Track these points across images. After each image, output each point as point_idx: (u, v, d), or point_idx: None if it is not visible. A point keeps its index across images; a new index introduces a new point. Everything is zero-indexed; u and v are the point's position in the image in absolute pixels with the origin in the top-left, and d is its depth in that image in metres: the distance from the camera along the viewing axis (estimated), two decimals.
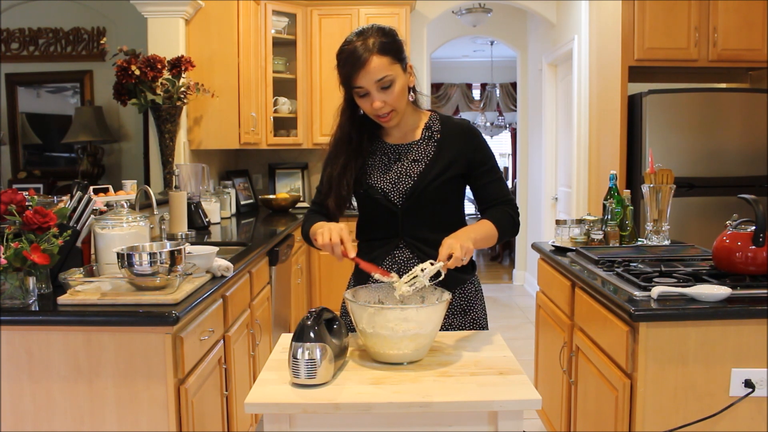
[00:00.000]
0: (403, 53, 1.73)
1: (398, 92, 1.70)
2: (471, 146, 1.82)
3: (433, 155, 1.81)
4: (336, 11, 4.78)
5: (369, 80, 1.66)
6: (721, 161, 3.63)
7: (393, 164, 1.82)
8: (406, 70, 1.74)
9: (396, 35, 1.72)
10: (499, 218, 1.78)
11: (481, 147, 1.85)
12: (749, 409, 1.75)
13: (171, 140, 3.62)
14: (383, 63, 1.66)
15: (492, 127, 9.26)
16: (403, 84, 1.72)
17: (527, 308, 5.54)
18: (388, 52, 1.67)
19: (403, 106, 1.76)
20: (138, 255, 1.87)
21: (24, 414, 1.77)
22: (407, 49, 2.05)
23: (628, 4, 3.64)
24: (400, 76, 1.71)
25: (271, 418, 1.34)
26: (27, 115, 5.17)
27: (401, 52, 1.72)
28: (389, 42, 1.68)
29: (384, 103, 1.70)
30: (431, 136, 1.84)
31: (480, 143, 1.85)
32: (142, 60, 3.41)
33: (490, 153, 1.88)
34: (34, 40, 5.09)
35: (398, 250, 1.82)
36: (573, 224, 2.77)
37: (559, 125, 5.51)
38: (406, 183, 1.79)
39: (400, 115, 1.77)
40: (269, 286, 3.16)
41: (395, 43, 1.70)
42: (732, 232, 1.96)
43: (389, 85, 1.68)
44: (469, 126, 1.88)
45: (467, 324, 1.85)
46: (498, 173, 1.87)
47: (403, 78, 1.72)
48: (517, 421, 1.34)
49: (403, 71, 1.72)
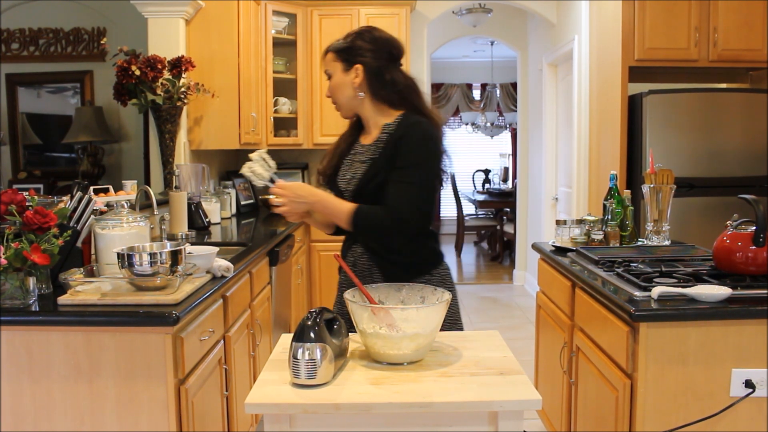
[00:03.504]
0: (354, 55, 1.89)
1: (333, 85, 1.94)
2: (399, 149, 1.82)
3: (377, 157, 1.86)
4: (336, 11, 4.78)
5: (324, 69, 1.98)
6: (722, 161, 3.63)
7: (356, 164, 1.94)
8: (349, 71, 1.90)
9: (357, 41, 1.91)
10: (364, 210, 1.81)
11: (405, 146, 1.81)
12: (749, 410, 1.75)
13: (171, 140, 3.62)
14: (328, 59, 1.95)
15: (492, 127, 9.26)
16: (339, 81, 1.92)
17: (527, 308, 5.54)
18: (334, 51, 1.93)
19: (342, 101, 1.95)
20: (138, 255, 1.87)
21: (24, 414, 1.77)
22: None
23: (628, 4, 3.64)
24: (338, 73, 1.92)
25: (272, 419, 1.34)
26: (27, 116, 5.18)
27: (350, 53, 1.90)
28: (340, 43, 1.93)
29: (328, 91, 1.97)
30: (381, 137, 1.89)
31: (406, 143, 1.81)
32: (142, 60, 3.41)
33: (412, 156, 1.80)
34: (34, 40, 5.09)
35: (355, 246, 1.95)
36: (573, 224, 2.77)
37: (559, 125, 5.51)
38: (354, 184, 1.90)
39: (343, 109, 1.97)
40: (269, 286, 3.16)
41: (342, 46, 1.92)
42: (732, 232, 1.96)
43: (329, 77, 1.95)
44: (409, 127, 1.84)
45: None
46: (407, 176, 1.79)
47: (341, 76, 1.91)
48: (518, 421, 1.34)
49: (343, 70, 1.91)
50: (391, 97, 1.89)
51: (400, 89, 1.89)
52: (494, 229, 8.35)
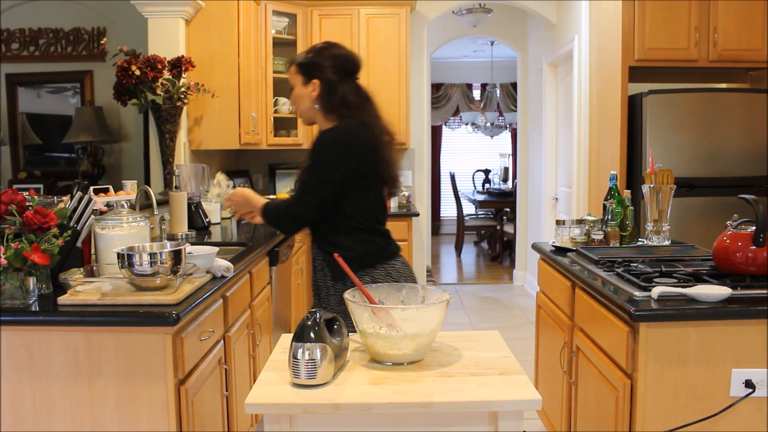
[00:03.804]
0: (313, 71, 2.11)
1: (294, 97, 2.17)
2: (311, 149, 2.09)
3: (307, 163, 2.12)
4: (336, 11, 4.78)
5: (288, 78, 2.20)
6: (722, 161, 3.63)
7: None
8: (308, 84, 2.12)
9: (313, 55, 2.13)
10: (270, 206, 2.14)
11: (312, 149, 2.08)
12: (749, 410, 1.75)
13: (171, 140, 3.62)
14: (291, 71, 2.17)
15: (492, 127, 9.26)
16: (299, 93, 2.15)
17: (527, 308, 5.54)
18: (296, 64, 2.15)
19: (302, 111, 2.18)
20: (138, 255, 1.87)
21: (24, 414, 1.77)
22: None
23: (629, 4, 3.64)
24: (298, 86, 2.14)
25: (272, 419, 1.34)
26: (27, 116, 5.18)
27: (310, 69, 2.12)
28: (300, 58, 2.16)
29: (291, 99, 2.20)
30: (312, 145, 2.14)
31: (313, 146, 2.08)
32: (142, 60, 3.41)
33: (314, 158, 2.05)
34: (34, 40, 5.09)
35: (313, 243, 2.25)
36: (573, 224, 2.77)
37: (559, 125, 5.51)
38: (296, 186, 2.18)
39: (303, 118, 2.21)
40: (269, 286, 3.16)
41: (303, 60, 2.14)
42: (732, 232, 1.96)
43: (292, 88, 2.17)
44: (323, 133, 2.10)
45: None
46: (308, 171, 2.06)
47: (301, 88, 2.14)
48: (518, 421, 1.34)
49: (303, 83, 2.13)
50: (340, 110, 2.11)
51: (349, 102, 2.10)
52: (494, 229, 8.35)
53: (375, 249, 2.13)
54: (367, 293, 1.55)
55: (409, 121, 4.93)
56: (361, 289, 1.55)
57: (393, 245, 2.19)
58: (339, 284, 2.12)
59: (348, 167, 2.04)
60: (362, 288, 1.55)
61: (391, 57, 4.81)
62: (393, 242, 2.20)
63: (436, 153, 10.04)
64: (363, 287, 1.56)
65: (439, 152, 10.20)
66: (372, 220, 2.14)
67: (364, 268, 2.08)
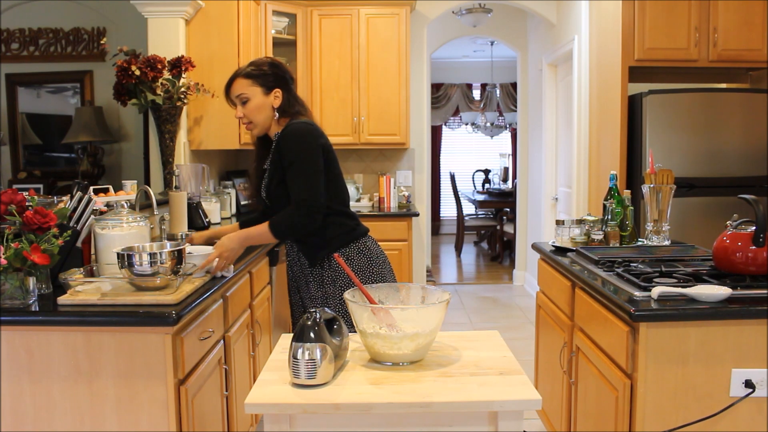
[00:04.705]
0: (270, 80, 2.22)
1: (252, 108, 2.21)
2: (281, 150, 2.16)
3: (272, 163, 2.22)
4: (336, 11, 4.78)
5: (233, 95, 2.24)
6: (721, 161, 3.63)
7: (264, 176, 2.28)
8: (269, 94, 2.22)
9: (268, 68, 2.23)
10: (276, 219, 2.15)
11: (286, 148, 2.14)
12: (749, 410, 1.75)
13: (171, 140, 3.62)
14: (243, 83, 2.21)
15: (492, 127, 9.25)
16: (260, 103, 2.21)
17: (527, 308, 5.54)
18: (250, 76, 2.20)
19: (261, 120, 2.23)
20: (138, 255, 1.87)
21: (24, 414, 1.77)
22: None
23: (628, 4, 3.64)
24: (257, 96, 2.21)
25: (271, 419, 1.34)
26: (27, 115, 5.17)
27: (264, 79, 2.21)
28: (255, 71, 2.21)
29: (243, 114, 2.23)
30: (275, 145, 2.22)
31: (286, 145, 2.14)
32: (142, 60, 3.41)
33: (295, 153, 2.13)
34: (34, 40, 5.09)
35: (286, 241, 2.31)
36: (573, 224, 2.77)
37: (559, 125, 5.51)
38: (265, 190, 2.27)
39: (259, 127, 2.24)
40: (269, 286, 3.16)
41: (259, 72, 2.21)
42: (732, 232, 1.96)
43: (246, 101, 2.21)
44: (290, 129, 2.17)
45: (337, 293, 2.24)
46: (297, 170, 2.11)
47: (261, 98, 2.21)
48: (517, 421, 1.34)
49: (263, 93, 2.21)
50: (296, 114, 2.25)
51: (303, 107, 2.29)
52: (494, 229, 8.35)
53: (347, 230, 2.27)
54: (367, 293, 1.55)
55: (409, 121, 4.93)
56: (361, 289, 1.55)
57: (361, 226, 2.34)
58: (317, 269, 2.27)
59: (322, 151, 2.18)
60: (362, 288, 1.55)
61: (391, 57, 4.81)
62: (360, 223, 2.35)
63: (436, 153, 10.04)
64: (363, 287, 1.56)
65: (439, 152, 10.20)
66: (340, 203, 2.28)
67: (340, 247, 2.25)
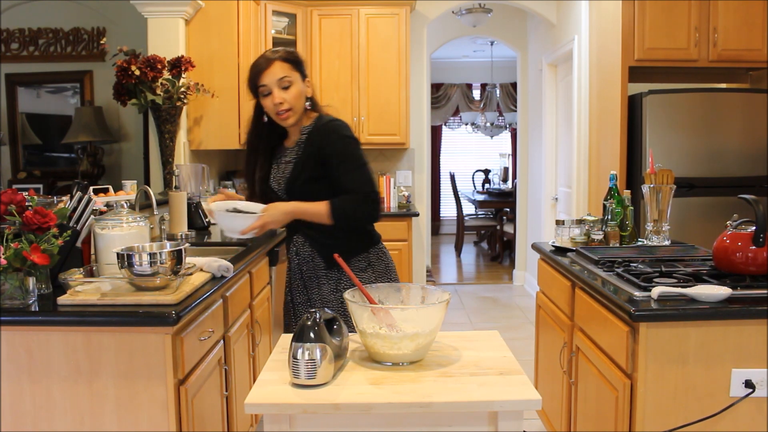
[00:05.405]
0: (303, 68, 2.14)
1: (296, 93, 2.09)
2: (322, 144, 2.09)
3: (299, 157, 2.13)
4: (336, 11, 4.78)
5: (272, 79, 2.06)
6: (721, 161, 3.63)
7: (282, 166, 2.19)
8: (304, 81, 2.14)
9: (298, 56, 2.15)
10: (338, 203, 2.06)
11: (331, 143, 2.08)
12: (749, 410, 1.75)
13: (171, 140, 3.62)
14: (285, 67, 2.08)
15: (492, 127, 9.25)
16: (300, 89, 2.11)
17: (527, 308, 5.54)
18: (289, 61, 2.09)
19: (300, 108, 2.12)
20: (138, 255, 1.86)
21: (24, 414, 1.77)
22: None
23: (628, 4, 3.64)
24: (298, 82, 2.11)
25: (271, 419, 1.34)
26: (27, 115, 5.17)
27: (301, 66, 2.13)
28: (291, 55, 2.12)
29: (284, 100, 2.07)
30: (301, 138, 2.15)
31: (330, 140, 2.08)
32: (142, 60, 3.41)
33: (342, 147, 2.08)
34: (34, 40, 5.09)
35: (297, 236, 2.21)
36: (573, 224, 2.77)
37: (559, 125, 5.51)
38: (284, 183, 2.16)
39: (296, 115, 2.12)
40: (269, 286, 3.16)
41: (296, 58, 2.13)
42: (732, 232, 1.96)
43: (288, 85, 2.08)
44: (327, 125, 2.11)
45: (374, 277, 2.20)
46: (352, 164, 2.07)
47: (301, 85, 2.12)
48: (517, 421, 1.34)
49: (301, 80, 2.12)
50: (315, 104, 2.18)
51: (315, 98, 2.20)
52: (494, 229, 8.35)
53: (369, 235, 2.23)
54: (367, 293, 1.55)
55: (409, 121, 4.93)
56: (361, 289, 1.55)
57: (376, 231, 2.30)
58: (333, 272, 2.19)
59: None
60: (362, 288, 1.55)
61: (390, 57, 4.81)
62: (374, 228, 2.31)
63: (436, 153, 10.04)
64: (363, 287, 1.56)
65: (439, 152, 10.20)
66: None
67: (361, 253, 2.19)
